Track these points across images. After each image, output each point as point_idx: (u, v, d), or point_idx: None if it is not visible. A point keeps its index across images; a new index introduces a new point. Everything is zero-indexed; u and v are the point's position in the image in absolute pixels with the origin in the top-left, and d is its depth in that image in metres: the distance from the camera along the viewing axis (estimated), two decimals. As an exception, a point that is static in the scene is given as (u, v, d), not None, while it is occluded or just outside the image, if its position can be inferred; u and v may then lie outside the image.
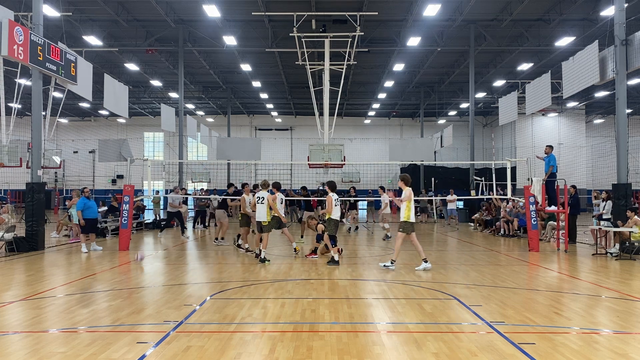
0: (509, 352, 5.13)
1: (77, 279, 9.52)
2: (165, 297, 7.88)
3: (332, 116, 21.19)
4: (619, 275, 10.01)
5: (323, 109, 20.57)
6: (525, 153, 34.76)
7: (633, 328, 6.13)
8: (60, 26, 19.57)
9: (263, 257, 11.51)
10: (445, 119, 43.69)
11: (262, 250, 11.60)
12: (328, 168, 20.70)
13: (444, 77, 33.63)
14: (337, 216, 11.52)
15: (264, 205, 11.70)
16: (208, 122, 42.85)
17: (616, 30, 14.23)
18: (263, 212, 11.67)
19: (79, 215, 13.64)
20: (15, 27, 11.28)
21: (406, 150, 23.36)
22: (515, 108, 22.97)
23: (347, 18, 20.37)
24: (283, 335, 5.80)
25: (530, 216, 14.04)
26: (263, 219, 11.68)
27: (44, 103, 15.20)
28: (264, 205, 11.70)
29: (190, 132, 27.44)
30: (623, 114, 14.62)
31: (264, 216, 11.67)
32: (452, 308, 7.12)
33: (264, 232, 11.70)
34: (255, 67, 30.19)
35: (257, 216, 11.81)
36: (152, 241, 17.05)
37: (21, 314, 6.83)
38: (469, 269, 10.74)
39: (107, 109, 20.91)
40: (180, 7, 22.44)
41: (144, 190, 32.99)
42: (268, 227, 11.73)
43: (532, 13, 22.43)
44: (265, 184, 12.03)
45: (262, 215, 11.69)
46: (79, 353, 5.09)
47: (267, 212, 11.68)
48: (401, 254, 13.24)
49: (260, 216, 11.72)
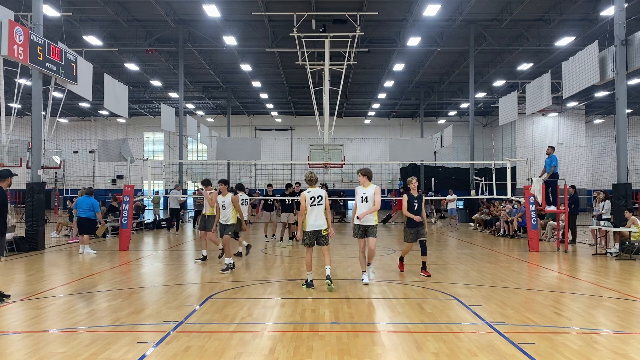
0: (509, 352, 5.13)
1: (77, 279, 9.53)
2: (165, 297, 7.88)
3: (332, 116, 21.19)
4: (619, 275, 10.01)
5: (323, 109, 20.57)
6: (525, 153, 34.73)
7: (633, 328, 6.13)
8: (60, 26, 19.55)
9: (232, 262, 10.41)
10: (445, 119, 43.68)
11: (227, 257, 10.35)
12: (328, 168, 20.68)
13: (444, 77, 33.62)
14: None
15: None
16: (208, 122, 42.83)
17: (616, 30, 14.23)
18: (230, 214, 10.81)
19: (99, 216, 14.16)
20: (15, 27, 11.27)
21: (406, 150, 23.34)
22: (515, 108, 22.97)
23: (347, 18, 20.36)
24: (283, 335, 5.80)
25: (530, 216, 14.05)
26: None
27: (44, 103, 15.20)
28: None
29: (190, 132, 27.44)
30: (623, 114, 14.62)
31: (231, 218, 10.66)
32: (452, 308, 7.12)
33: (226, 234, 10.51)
34: (255, 67, 30.18)
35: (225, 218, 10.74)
36: (151, 241, 17.06)
37: (21, 314, 6.83)
38: (469, 269, 10.74)
39: (107, 109, 20.91)
40: (180, 7, 22.43)
41: (144, 190, 32.97)
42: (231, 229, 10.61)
43: (532, 13, 22.42)
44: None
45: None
46: (79, 353, 5.09)
47: (233, 214, 10.69)
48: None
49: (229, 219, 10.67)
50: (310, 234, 8.39)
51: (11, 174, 8.11)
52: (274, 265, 11.28)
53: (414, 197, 9.76)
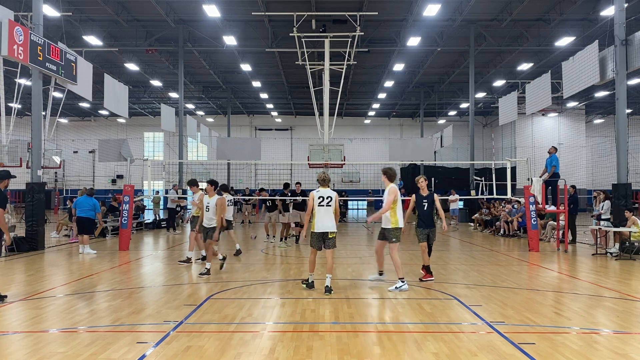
0: (509, 352, 5.13)
1: (77, 279, 9.53)
2: (165, 297, 7.88)
3: (332, 116, 21.18)
4: (619, 275, 10.01)
5: (323, 109, 20.56)
6: (525, 153, 34.75)
7: (633, 328, 6.13)
8: (60, 26, 19.55)
9: (208, 268, 9.91)
10: (445, 119, 43.67)
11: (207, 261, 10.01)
12: (328, 168, 20.68)
13: (444, 77, 33.62)
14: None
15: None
16: (208, 122, 42.84)
17: (616, 30, 14.23)
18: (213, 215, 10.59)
19: (99, 217, 14.44)
20: (15, 27, 11.27)
21: (406, 150, 23.35)
22: (515, 108, 22.97)
23: (347, 18, 20.36)
24: (283, 335, 5.80)
25: (531, 216, 14.04)
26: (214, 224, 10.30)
27: (44, 103, 15.19)
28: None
29: (190, 132, 27.44)
30: (623, 114, 14.62)
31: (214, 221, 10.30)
32: (452, 308, 7.12)
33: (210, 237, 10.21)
34: (255, 67, 30.18)
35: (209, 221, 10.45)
36: (151, 241, 17.06)
37: (21, 314, 6.83)
38: (469, 269, 10.74)
39: (107, 109, 20.91)
40: (180, 7, 22.43)
41: (144, 190, 32.98)
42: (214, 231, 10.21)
43: (532, 13, 22.42)
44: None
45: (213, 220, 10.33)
46: (79, 353, 5.09)
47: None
48: (401, 254, 13.25)
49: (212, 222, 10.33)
50: (317, 235, 8.13)
51: (9, 175, 8.10)
52: (274, 265, 11.28)
53: (423, 197, 9.35)
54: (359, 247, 15.10)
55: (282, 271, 10.47)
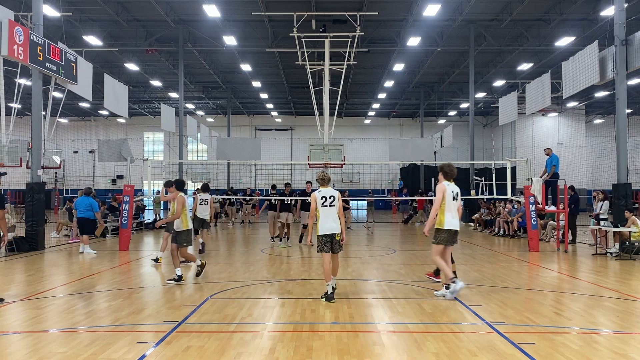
0: (509, 352, 5.13)
1: (77, 279, 9.53)
2: (165, 297, 7.88)
3: (332, 116, 21.17)
4: (619, 275, 10.01)
5: (323, 109, 20.55)
6: (525, 153, 34.72)
7: (633, 328, 6.13)
8: (60, 26, 19.54)
9: (180, 275, 9.16)
10: (445, 119, 43.67)
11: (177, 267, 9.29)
12: (328, 168, 20.67)
13: (444, 77, 33.62)
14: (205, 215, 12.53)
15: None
16: (208, 122, 42.83)
17: (616, 30, 14.23)
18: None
19: (98, 216, 14.52)
20: (15, 27, 11.27)
21: (406, 150, 23.35)
22: (515, 108, 22.97)
23: (347, 18, 20.36)
24: (283, 335, 5.80)
25: (530, 216, 14.04)
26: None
27: (44, 103, 15.19)
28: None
29: (190, 132, 27.44)
30: (623, 114, 14.62)
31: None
32: (452, 308, 7.12)
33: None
34: (255, 67, 30.18)
35: None
36: (152, 241, 17.05)
37: (21, 314, 6.83)
38: (469, 269, 10.73)
39: (107, 109, 20.91)
40: (180, 7, 22.43)
41: (144, 190, 32.98)
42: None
43: (532, 13, 22.41)
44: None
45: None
46: (79, 353, 5.09)
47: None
48: (402, 253, 13.27)
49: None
50: (324, 238, 7.56)
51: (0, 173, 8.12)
52: (274, 265, 11.28)
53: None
54: (359, 247, 15.10)
55: (282, 271, 10.47)
